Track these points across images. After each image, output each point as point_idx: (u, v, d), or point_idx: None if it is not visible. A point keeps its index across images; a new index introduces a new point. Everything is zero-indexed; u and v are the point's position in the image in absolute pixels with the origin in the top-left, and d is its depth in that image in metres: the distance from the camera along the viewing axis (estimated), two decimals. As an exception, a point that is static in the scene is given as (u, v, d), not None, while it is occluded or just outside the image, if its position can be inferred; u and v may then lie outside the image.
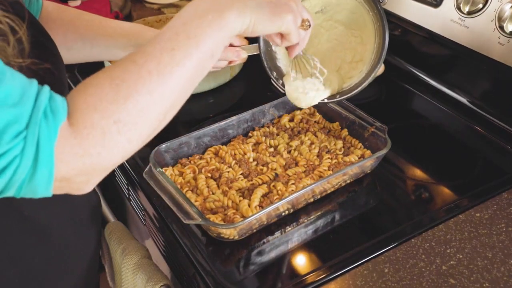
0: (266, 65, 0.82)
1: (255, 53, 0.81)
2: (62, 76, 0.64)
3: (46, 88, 0.47)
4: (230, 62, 0.81)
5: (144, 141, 0.52)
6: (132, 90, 0.48)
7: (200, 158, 0.88)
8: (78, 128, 0.46)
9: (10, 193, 0.46)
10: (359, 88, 0.83)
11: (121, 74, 0.49)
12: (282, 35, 0.65)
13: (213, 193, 0.80)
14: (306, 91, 0.80)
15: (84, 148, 0.46)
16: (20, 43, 0.50)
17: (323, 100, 0.83)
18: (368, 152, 0.89)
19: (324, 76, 0.80)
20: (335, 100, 0.85)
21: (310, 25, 0.66)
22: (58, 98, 0.47)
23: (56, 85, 0.60)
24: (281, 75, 0.85)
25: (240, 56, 0.80)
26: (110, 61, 1.10)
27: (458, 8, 0.99)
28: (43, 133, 0.44)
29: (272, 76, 0.84)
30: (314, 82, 0.81)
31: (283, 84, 0.83)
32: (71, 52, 0.81)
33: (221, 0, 0.55)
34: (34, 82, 0.46)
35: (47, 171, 0.45)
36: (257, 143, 0.92)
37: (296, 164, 0.87)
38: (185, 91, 0.54)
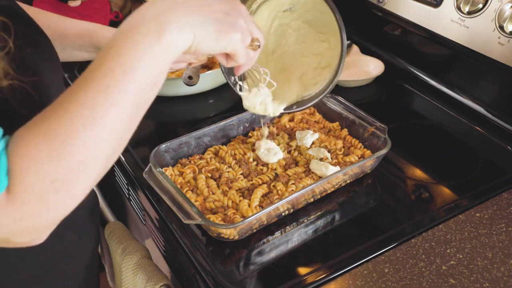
0: (222, 70, 0.77)
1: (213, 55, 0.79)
2: (58, 77, 0.63)
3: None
4: (189, 64, 0.78)
5: (90, 189, 0.48)
6: (67, 144, 0.44)
7: (200, 158, 0.88)
8: (14, 194, 0.43)
9: None
10: (316, 100, 0.76)
11: (54, 126, 0.44)
12: (227, 55, 0.58)
13: (213, 193, 0.80)
14: (261, 101, 0.76)
15: (22, 212, 0.43)
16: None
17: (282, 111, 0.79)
18: (368, 152, 0.89)
19: (272, 89, 0.75)
20: (293, 111, 0.80)
21: (259, 45, 0.60)
22: (2, 162, 0.43)
23: (45, 94, 0.58)
24: (240, 79, 0.80)
25: (198, 57, 0.76)
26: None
27: (458, 8, 0.99)
28: None
29: (229, 81, 0.79)
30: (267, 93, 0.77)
31: (240, 89, 0.79)
32: None
33: (158, 17, 0.49)
34: None
35: None
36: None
37: (296, 164, 0.87)
38: (129, 128, 0.49)
